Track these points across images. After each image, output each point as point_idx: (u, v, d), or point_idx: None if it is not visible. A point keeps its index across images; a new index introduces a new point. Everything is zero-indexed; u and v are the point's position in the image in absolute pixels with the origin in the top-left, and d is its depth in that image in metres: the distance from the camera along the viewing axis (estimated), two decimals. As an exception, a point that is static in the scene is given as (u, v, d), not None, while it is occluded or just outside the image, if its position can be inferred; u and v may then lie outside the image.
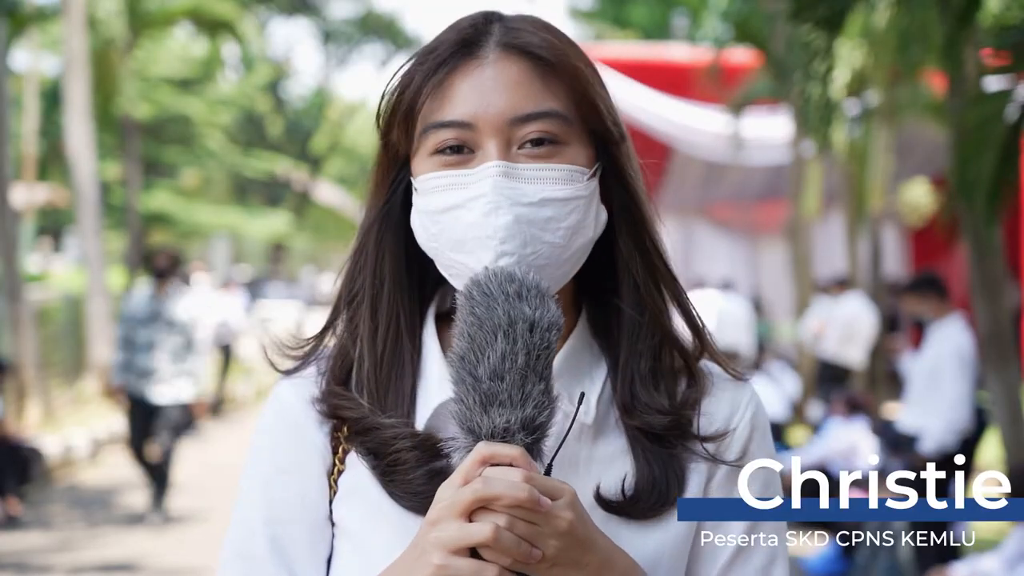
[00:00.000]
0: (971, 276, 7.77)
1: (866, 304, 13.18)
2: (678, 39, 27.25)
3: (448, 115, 1.38)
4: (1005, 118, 6.19)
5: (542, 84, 1.39)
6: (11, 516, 9.37)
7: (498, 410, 1.24)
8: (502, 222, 1.35)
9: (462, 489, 1.23)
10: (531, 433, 1.25)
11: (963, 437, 7.57)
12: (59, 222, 30.29)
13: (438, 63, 1.39)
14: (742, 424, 1.46)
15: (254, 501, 1.47)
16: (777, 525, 1.48)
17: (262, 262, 37.16)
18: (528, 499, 1.21)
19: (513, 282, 1.28)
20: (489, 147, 1.37)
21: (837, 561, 8.34)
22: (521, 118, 1.37)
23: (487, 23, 1.42)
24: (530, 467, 1.24)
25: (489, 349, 1.25)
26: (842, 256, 15.88)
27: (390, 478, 1.39)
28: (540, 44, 1.40)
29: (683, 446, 1.43)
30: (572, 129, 1.40)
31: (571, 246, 1.39)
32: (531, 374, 1.25)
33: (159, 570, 8.17)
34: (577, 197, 1.39)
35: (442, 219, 1.39)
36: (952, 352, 7.52)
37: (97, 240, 15.26)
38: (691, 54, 19.29)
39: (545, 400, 1.26)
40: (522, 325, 1.25)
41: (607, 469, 1.41)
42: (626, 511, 1.39)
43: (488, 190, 1.35)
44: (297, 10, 39.21)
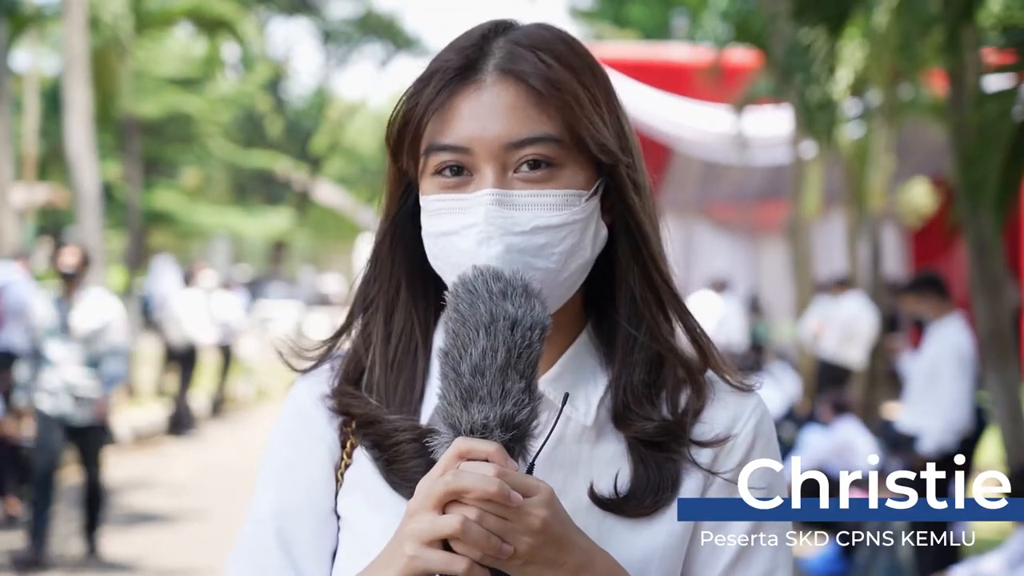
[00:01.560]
0: (971, 276, 7.78)
1: (866, 304, 13.18)
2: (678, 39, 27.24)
3: (446, 138, 1.41)
4: (1012, 117, 6.19)
5: (537, 109, 1.41)
6: (11, 516, 9.37)
7: (478, 406, 1.26)
8: (493, 252, 1.37)
9: (435, 481, 1.25)
10: (509, 430, 1.26)
11: (963, 437, 7.56)
12: (59, 222, 30.30)
13: (440, 85, 1.42)
14: (744, 431, 1.47)
15: (265, 494, 1.51)
16: (780, 527, 1.48)
17: (262, 262, 37.16)
18: (497, 493, 1.22)
19: (499, 280, 1.30)
20: (485, 172, 1.40)
21: (837, 561, 8.34)
22: (516, 143, 1.39)
23: (492, 39, 1.44)
24: (505, 463, 1.25)
25: (471, 345, 1.27)
26: (842, 256, 15.88)
27: (391, 468, 1.43)
28: (534, 70, 1.41)
29: (681, 453, 1.44)
30: (568, 152, 1.42)
31: (566, 269, 1.41)
32: (511, 372, 1.26)
33: (159, 570, 8.17)
34: (572, 222, 1.41)
35: (440, 242, 1.43)
36: (952, 352, 7.52)
37: (97, 240, 15.26)
38: (691, 54, 19.29)
39: (525, 398, 1.27)
40: (503, 323, 1.27)
41: (605, 470, 1.43)
42: (620, 509, 1.41)
43: (480, 220, 1.38)
44: (297, 10, 39.20)
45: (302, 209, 37.26)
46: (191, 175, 33.68)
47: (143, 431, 13.68)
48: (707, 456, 1.45)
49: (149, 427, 13.87)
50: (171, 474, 11.75)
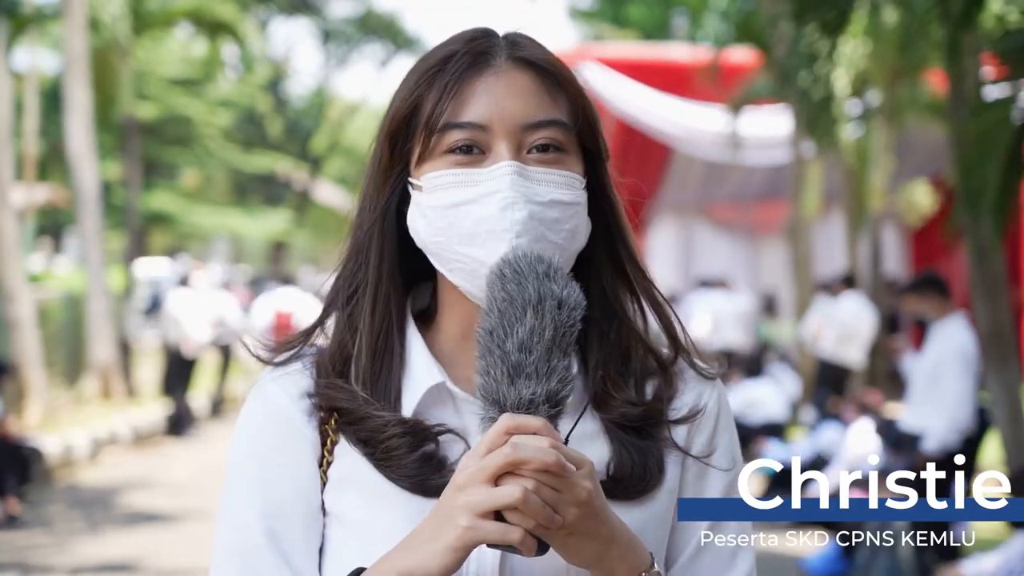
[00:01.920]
0: (971, 276, 7.78)
1: (865, 304, 13.18)
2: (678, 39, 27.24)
3: (463, 116, 1.46)
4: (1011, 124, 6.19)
5: (549, 95, 1.49)
6: (11, 516, 9.37)
7: (524, 382, 1.30)
8: (519, 216, 1.43)
9: (492, 454, 1.28)
10: (554, 406, 1.31)
11: (965, 436, 7.56)
12: (59, 222, 30.29)
13: (456, 71, 1.48)
14: (710, 404, 1.56)
15: (247, 498, 1.50)
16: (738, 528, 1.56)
17: (262, 262, 37.15)
18: (556, 463, 1.27)
19: (542, 263, 1.35)
20: (501, 148, 1.46)
21: (837, 561, 8.34)
22: (532, 124, 1.47)
23: (491, 36, 1.52)
24: (555, 436, 1.30)
25: (518, 324, 1.31)
26: (842, 256, 15.89)
27: (386, 464, 1.45)
28: (545, 57, 1.51)
29: (660, 434, 1.52)
30: (572, 140, 1.50)
31: (569, 248, 1.48)
32: (556, 349, 1.31)
33: (159, 570, 8.17)
34: (577, 202, 1.48)
35: (451, 213, 1.46)
36: (954, 351, 7.52)
37: (97, 240, 15.27)
38: (691, 54, 19.29)
39: (568, 375, 1.32)
40: (551, 302, 1.32)
41: (587, 449, 1.45)
42: (611, 492, 1.44)
43: (505, 186, 1.43)
44: (297, 10, 39.18)
45: (302, 209, 37.25)
46: (191, 176, 33.67)
47: (143, 431, 13.68)
48: (681, 433, 1.53)
49: (149, 427, 13.87)
50: (171, 474, 11.75)
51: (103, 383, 14.86)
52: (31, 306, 13.03)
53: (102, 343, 14.81)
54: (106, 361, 14.86)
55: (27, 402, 12.57)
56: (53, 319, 14.95)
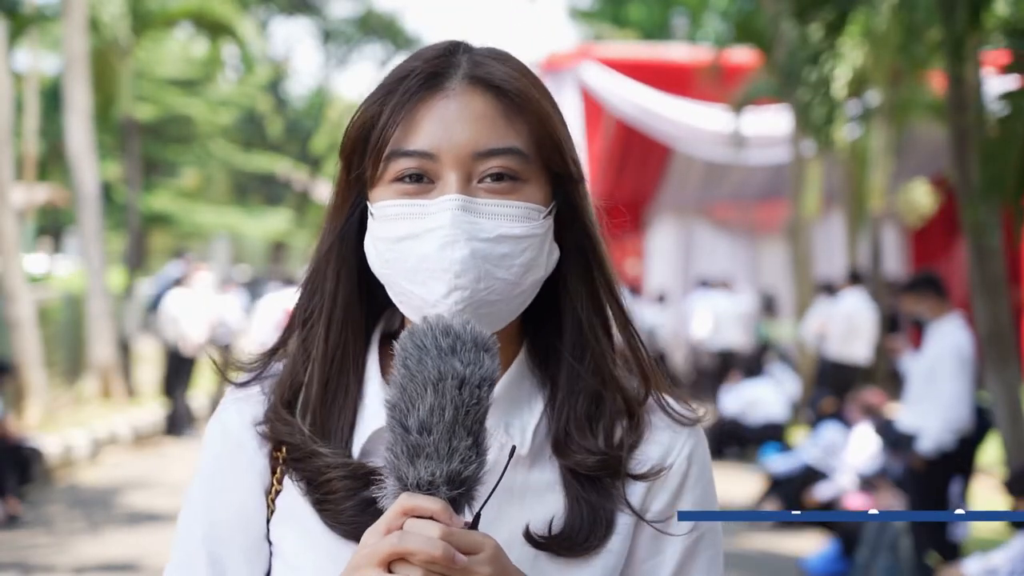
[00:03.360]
0: (971, 276, 7.78)
1: (865, 300, 13.18)
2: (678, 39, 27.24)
3: (411, 144, 1.39)
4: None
5: (505, 120, 1.40)
6: (11, 516, 9.37)
7: (424, 462, 1.25)
8: (458, 255, 1.36)
9: (382, 540, 1.24)
10: (456, 487, 1.26)
11: (961, 437, 7.56)
12: (59, 222, 30.29)
13: (406, 93, 1.40)
14: (678, 461, 1.47)
15: (194, 519, 1.50)
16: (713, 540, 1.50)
17: (262, 262, 37.15)
18: (442, 557, 1.22)
19: (448, 335, 1.27)
20: (449, 179, 1.38)
21: (837, 561, 8.34)
22: (483, 153, 1.38)
23: (454, 54, 1.43)
24: (451, 522, 1.24)
25: (419, 401, 1.25)
26: (842, 256, 15.89)
27: (323, 507, 1.41)
28: (505, 78, 1.41)
29: (616, 488, 1.43)
30: (531, 167, 1.41)
31: (522, 283, 1.40)
32: (459, 428, 1.25)
33: (159, 570, 8.12)
34: (532, 235, 1.40)
35: (397, 248, 1.39)
36: (951, 352, 7.52)
37: (97, 240, 15.26)
38: (691, 54, 19.29)
39: (472, 455, 1.26)
40: (451, 381, 1.25)
41: (539, 501, 1.43)
42: (553, 548, 1.40)
43: (446, 223, 1.36)
44: (297, 10, 39.22)
45: (302, 209, 37.26)
46: (191, 175, 33.67)
47: (143, 431, 13.68)
48: (640, 490, 1.44)
49: (149, 427, 13.87)
50: (171, 474, 11.74)
51: (103, 383, 14.86)
52: (31, 306, 13.03)
53: (102, 343, 14.81)
54: (106, 361, 14.86)
55: (27, 402, 12.57)
56: (53, 319, 14.94)
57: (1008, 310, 7.69)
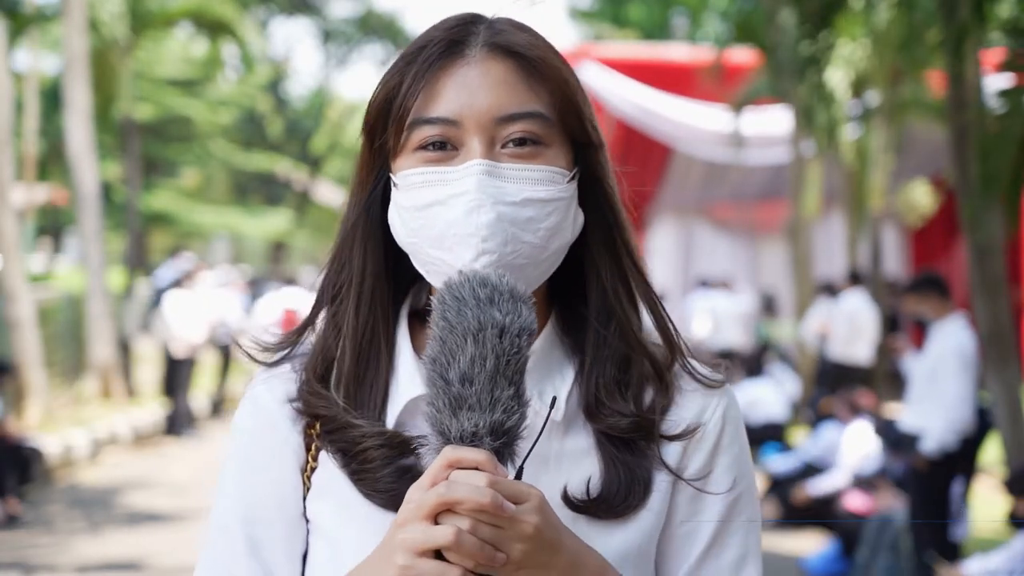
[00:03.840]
0: (971, 276, 7.77)
1: (867, 300, 13.18)
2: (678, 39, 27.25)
3: (434, 111, 1.39)
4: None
5: (526, 85, 1.40)
6: (11, 516, 9.37)
7: (467, 414, 1.25)
8: (484, 220, 1.36)
9: (427, 492, 1.23)
10: (499, 437, 1.25)
11: (964, 437, 7.55)
12: (59, 222, 30.28)
13: (426, 61, 1.40)
14: (713, 419, 1.47)
15: (231, 501, 1.49)
16: (752, 509, 1.49)
17: (262, 262, 37.15)
18: (490, 504, 1.21)
19: (486, 286, 1.28)
20: (473, 144, 1.38)
21: (837, 561, 8.34)
22: (506, 117, 1.39)
23: (474, 23, 1.44)
24: (496, 471, 1.23)
25: (459, 353, 1.25)
26: (842, 256, 15.89)
27: (359, 476, 1.41)
28: (525, 44, 1.42)
29: (651, 450, 1.44)
30: (554, 131, 1.41)
31: (549, 247, 1.40)
32: (500, 378, 1.25)
33: (159, 570, 8.17)
34: (557, 199, 1.40)
35: (423, 215, 1.40)
36: (953, 352, 7.51)
37: (97, 240, 15.26)
38: (691, 54, 19.28)
39: (514, 404, 1.26)
40: (491, 330, 1.25)
41: (576, 466, 1.42)
42: (591, 511, 1.40)
43: (472, 188, 1.36)
44: (297, 10, 39.18)
45: (302, 209, 37.25)
46: (191, 175, 33.66)
47: (143, 431, 13.68)
48: (676, 451, 1.45)
49: (149, 427, 13.87)
50: (171, 474, 11.75)
51: (103, 383, 14.86)
52: (31, 306, 13.03)
53: (102, 343, 14.81)
54: (106, 361, 14.86)
55: (27, 402, 12.56)
56: (53, 319, 14.94)
57: (1008, 310, 7.69)
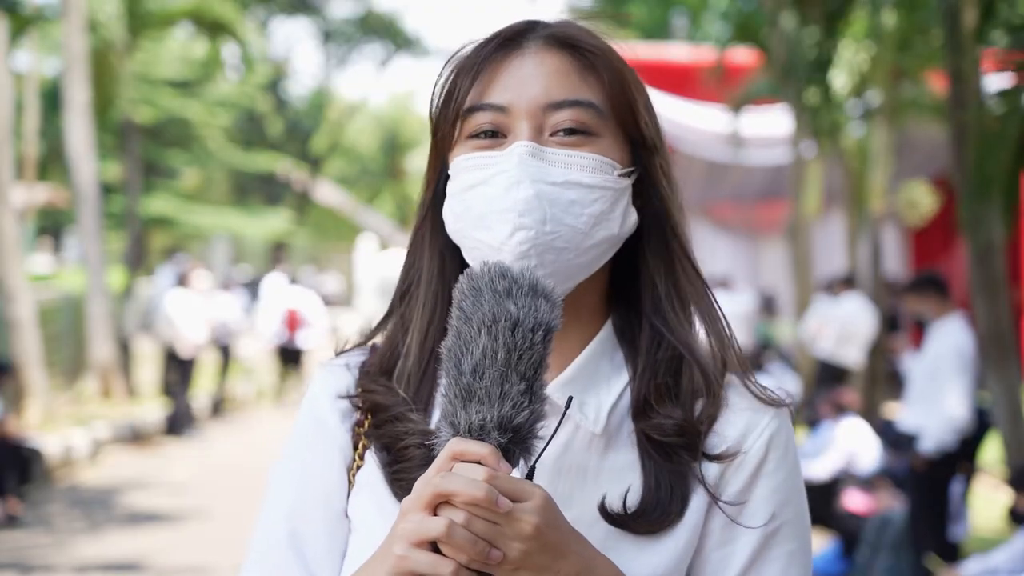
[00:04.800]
0: (971, 276, 7.78)
1: (865, 304, 13.18)
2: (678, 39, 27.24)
3: (485, 99, 1.40)
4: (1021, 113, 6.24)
5: (579, 76, 1.41)
6: (11, 516, 9.37)
7: (475, 407, 1.23)
8: (522, 195, 1.35)
9: (426, 483, 1.23)
10: (506, 432, 1.23)
11: (963, 437, 7.55)
12: (59, 222, 30.27)
13: (483, 55, 1.42)
14: (756, 446, 1.42)
15: (279, 496, 1.50)
16: (797, 532, 1.44)
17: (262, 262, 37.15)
18: (484, 498, 1.19)
19: (505, 278, 1.26)
20: (521, 129, 1.38)
21: (837, 561, 8.34)
22: (555, 104, 1.39)
23: (534, 25, 1.45)
24: (497, 466, 1.22)
25: (473, 344, 1.24)
26: (842, 256, 15.88)
27: (397, 475, 1.41)
28: (581, 36, 1.43)
29: (691, 467, 1.40)
30: (606, 123, 1.41)
31: (593, 235, 1.38)
32: (511, 373, 1.23)
33: (160, 569, 8.17)
34: (603, 187, 1.39)
35: (467, 196, 1.40)
36: (953, 351, 7.51)
37: (97, 240, 15.26)
38: (691, 54, 19.29)
39: (524, 400, 1.23)
40: (504, 323, 1.24)
41: (615, 481, 1.40)
42: (628, 525, 1.38)
43: (512, 166, 1.36)
44: (297, 10, 39.20)
45: (302, 209, 37.26)
46: (191, 176, 33.66)
47: (143, 431, 13.68)
48: (715, 471, 1.41)
49: (149, 427, 13.87)
50: (171, 474, 11.75)
51: (103, 383, 14.86)
52: (31, 306, 13.03)
53: (102, 343, 14.81)
54: (106, 361, 14.86)
55: (27, 402, 12.57)
56: (53, 319, 14.94)
57: (1008, 310, 7.69)
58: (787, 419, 1.46)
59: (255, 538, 1.50)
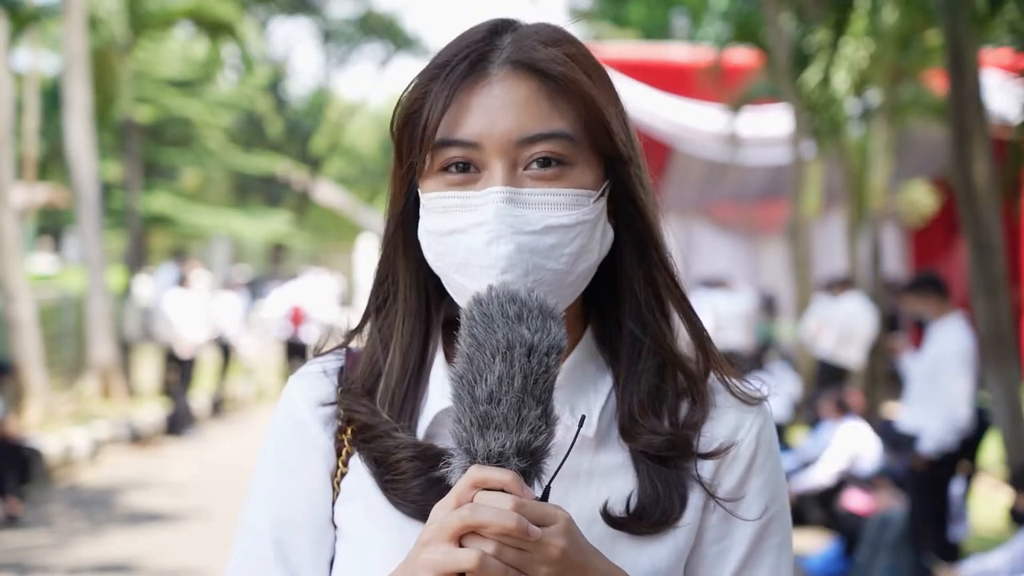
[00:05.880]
0: (971, 276, 7.77)
1: (865, 305, 13.18)
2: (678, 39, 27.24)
3: (455, 134, 1.37)
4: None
5: (549, 104, 1.37)
6: (11, 516, 9.37)
7: (494, 433, 1.23)
8: (503, 251, 1.34)
9: (451, 514, 1.22)
10: (526, 458, 1.24)
11: (963, 437, 7.55)
12: (59, 222, 30.27)
13: (449, 80, 1.38)
14: (747, 440, 1.45)
15: (261, 503, 1.49)
16: (783, 529, 1.47)
17: (262, 262, 37.14)
18: (516, 528, 1.19)
19: (515, 303, 1.26)
20: (495, 168, 1.36)
21: (837, 561, 8.34)
22: (528, 139, 1.36)
23: (499, 35, 1.41)
24: (522, 493, 1.22)
25: (487, 371, 1.24)
26: (842, 256, 15.88)
27: (390, 485, 1.40)
28: (548, 60, 1.38)
29: (686, 468, 1.42)
30: (579, 150, 1.39)
31: (574, 271, 1.38)
32: (528, 398, 1.23)
33: (159, 570, 8.17)
34: (582, 223, 1.38)
35: (446, 241, 1.38)
36: (952, 351, 7.51)
37: (97, 240, 15.26)
38: (691, 54, 19.29)
39: (542, 424, 1.24)
40: (520, 349, 1.23)
41: (608, 482, 1.41)
42: (628, 527, 1.39)
43: (490, 218, 1.34)
44: (297, 10, 39.19)
45: (302, 210, 37.25)
46: (191, 176, 33.65)
47: (143, 431, 13.68)
48: (709, 468, 1.43)
49: (149, 427, 13.88)
50: (171, 474, 11.75)
51: (103, 383, 14.86)
52: (31, 306, 13.03)
53: (102, 343, 14.81)
54: (106, 361, 14.86)
55: (27, 402, 12.57)
56: (53, 319, 14.94)
57: (1008, 310, 7.69)
58: (769, 416, 1.49)
59: (237, 546, 1.49)
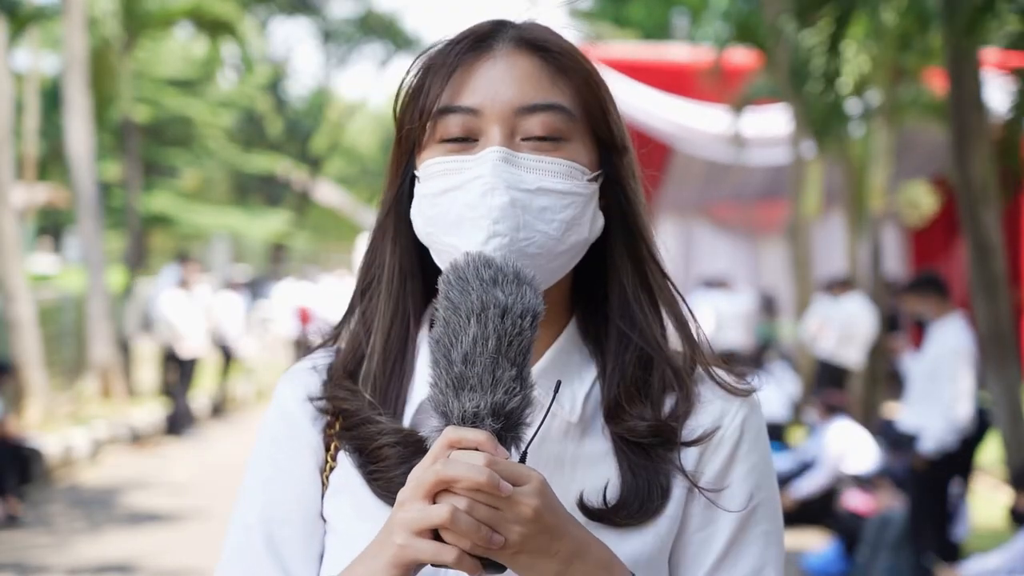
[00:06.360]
0: (971, 276, 7.78)
1: (865, 305, 13.18)
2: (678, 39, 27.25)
3: (456, 101, 1.40)
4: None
5: (551, 80, 1.41)
6: (11, 516, 9.37)
7: (468, 394, 1.24)
8: (497, 202, 1.35)
9: (426, 470, 1.22)
10: (500, 419, 1.24)
11: (963, 437, 7.55)
12: (59, 222, 30.28)
13: (452, 55, 1.42)
14: (731, 427, 1.45)
15: (252, 499, 1.50)
16: (772, 520, 1.46)
17: (262, 262, 37.16)
18: (487, 483, 1.19)
19: (490, 267, 1.28)
20: (492, 133, 1.38)
21: (837, 561, 8.34)
22: (527, 108, 1.39)
23: (501, 25, 1.45)
24: (495, 451, 1.22)
25: (462, 333, 1.25)
26: (842, 256, 15.88)
27: (373, 475, 1.41)
28: (551, 39, 1.43)
29: (669, 458, 1.42)
30: (576, 127, 1.41)
31: (565, 240, 1.39)
32: (502, 359, 1.25)
33: (159, 570, 8.17)
34: (575, 192, 1.40)
35: (440, 201, 1.40)
36: (952, 351, 7.51)
37: (97, 240, 15.26)
38: (691, 54, 19.29)
39: (516, 386, 1.25)
40: (494, 310, 1.25)
41: (591, 470, 1.41)
42: (607, 518, 1.38)
43: (487, 172, 1.36)
44: (297, 10, 39.20)
45: (302, 209, 37.26)
46: (191, 176, 33.66)
47: (143, 431, 13.68)
48: (693, 457, 1.43)
49: (149, 427, 13.87)
50: (171, 474, 11.75)
51: (103, 383, 14.85)
52: (31, 306, 13.03)
53: (102, 343, 14.81)
54: (106, 361, 14.86)
55: (27, 402, 12.56)
56: (53, 319, 14.94)
57: (1008, 310, 7.69)
58: (757, 405, 1.49)
59: (229, 541, 1.50)
